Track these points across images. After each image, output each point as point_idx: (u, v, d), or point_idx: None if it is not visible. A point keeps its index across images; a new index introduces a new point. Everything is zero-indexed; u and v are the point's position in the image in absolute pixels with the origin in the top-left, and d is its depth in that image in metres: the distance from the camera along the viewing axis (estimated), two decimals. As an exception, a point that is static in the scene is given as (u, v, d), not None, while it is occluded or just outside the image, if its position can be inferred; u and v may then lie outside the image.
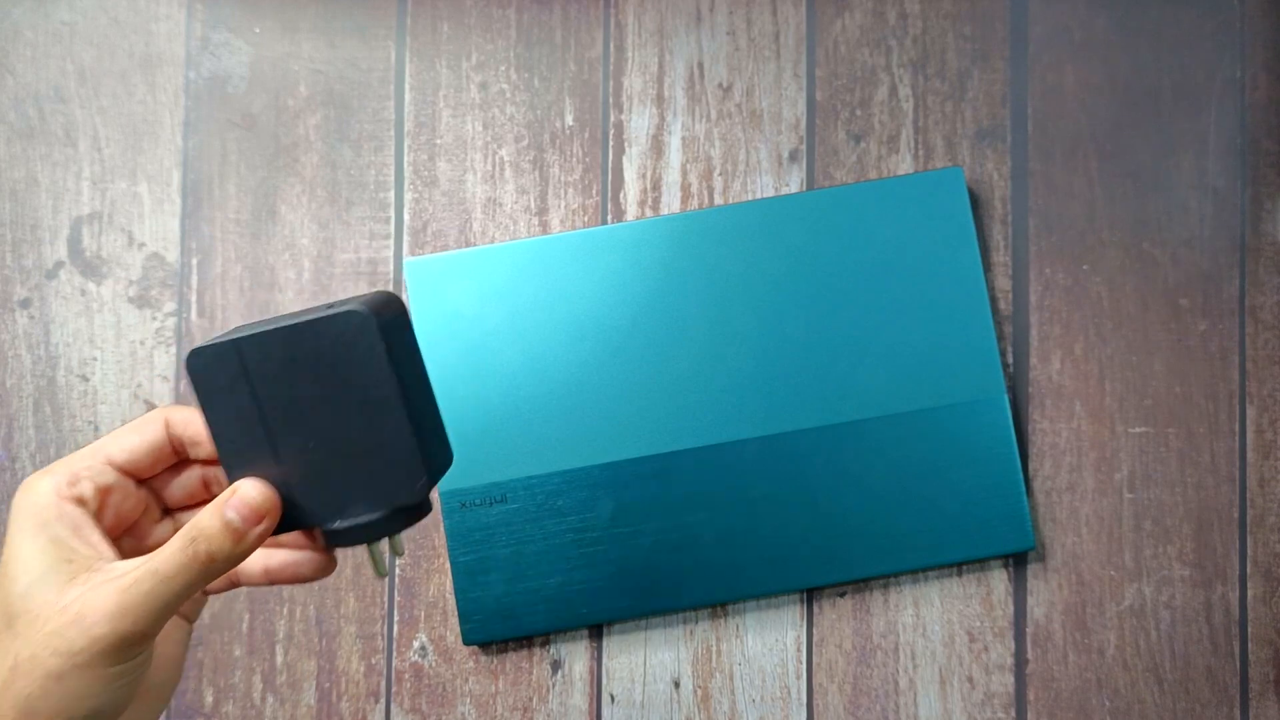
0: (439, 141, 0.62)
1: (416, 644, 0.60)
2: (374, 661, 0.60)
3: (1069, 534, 0.59)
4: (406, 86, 0.62)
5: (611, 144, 0.62)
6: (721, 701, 0.59)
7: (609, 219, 0.61)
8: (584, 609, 0.58)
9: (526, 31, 0.62)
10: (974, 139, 0.61)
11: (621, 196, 0.61)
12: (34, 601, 0.34)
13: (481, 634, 0.58)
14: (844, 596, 0.59)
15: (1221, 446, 0.60)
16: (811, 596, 0.59)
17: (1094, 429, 0.60)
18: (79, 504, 0.37)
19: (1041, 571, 0.59)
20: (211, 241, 0.62)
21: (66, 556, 0.35)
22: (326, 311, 0.36)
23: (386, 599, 0.60)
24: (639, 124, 0.62)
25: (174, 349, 0.61)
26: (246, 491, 0.36)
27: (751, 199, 0.61)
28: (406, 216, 0.62)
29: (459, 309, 0.59)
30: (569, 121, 0.62)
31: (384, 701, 0.59)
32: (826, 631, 0.59)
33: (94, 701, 0.34)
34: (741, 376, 0.59)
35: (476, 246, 0.60)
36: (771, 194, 0.61)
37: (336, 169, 0.62)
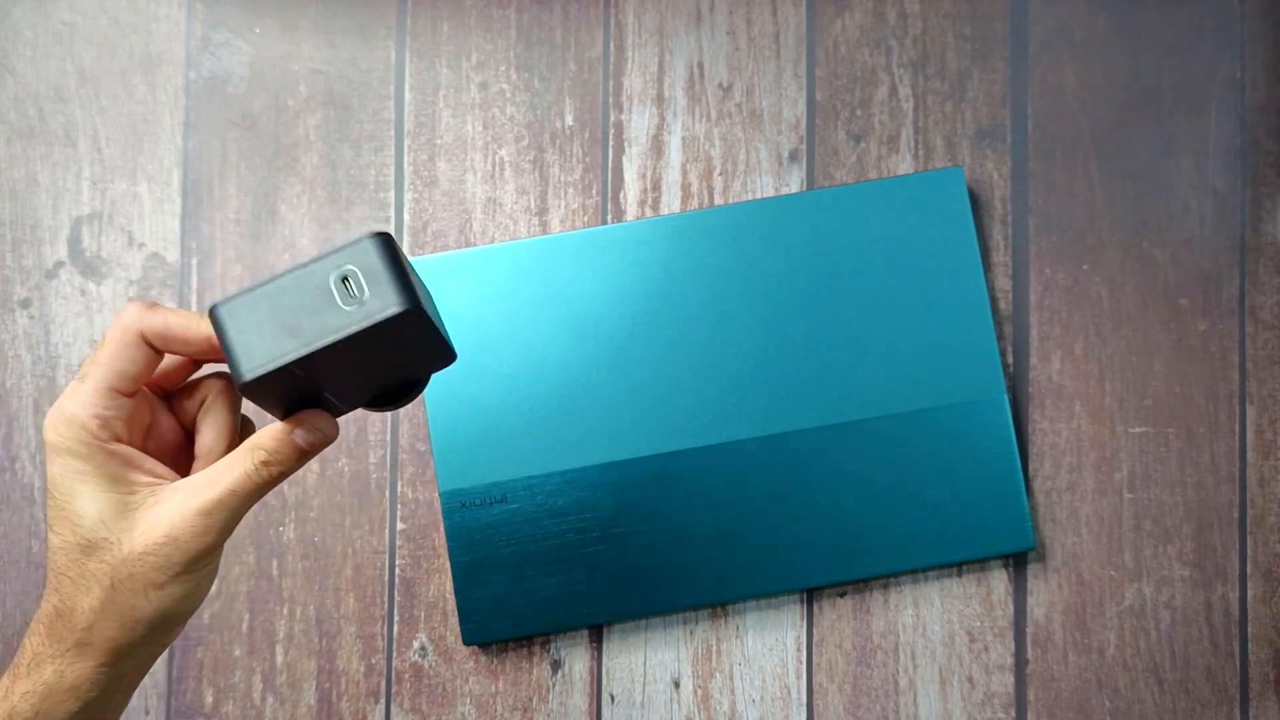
0: (439, 141, 0.62)
1: (416, 644, 0.60)
2: (374, 661, 0.60)
3: (1069, 534, 0.60)
4: (406, 86, 0.62)
5: (611, 144, 0.62)
6: (721, 701, 0.59)
7: (609, 219, 0.61)
8: (584, 609, 0.58)
9: (526, 31, 0.62)
10: (974, 139, 0.61)
11: (621, 196, 0.61)
12: (110, 530, 0.40)
13: (481, 634, 0.58)
14: (844, 596, 0.59)
15: (1221, 446, 0.60)
16: (811, 596, 0.59)
17: (1094, 429, 0.60)
18: (119, 442, 0.41)
19: (1041, 571, 0.59)
20: (211, 241, 0.62)
21: (129, 490, 0.40)
22: (371, 307, 0.38)
23: (386, 599, 0.60)
24: (639, 124, 0.62)
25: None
26: (314, 423, 0.41)
27: (751, 199, 0.61)
28: (406, 216, 0.62)
29: (459, 309, 0.59)
30: (569, 121, 0.62)
31: (384, 701, 0.59)
32: (826, 631, 0.59)
33: (190, 599, 0.41)
34: (741, 376, 0.59)
35: (476, 246, 0.60)
36: (771, 194, 0.61)
37: (336, 169, 0.62)
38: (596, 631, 0.59)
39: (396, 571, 0.60)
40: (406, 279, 0.38)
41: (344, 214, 0.62)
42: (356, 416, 0.60)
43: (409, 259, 0.48)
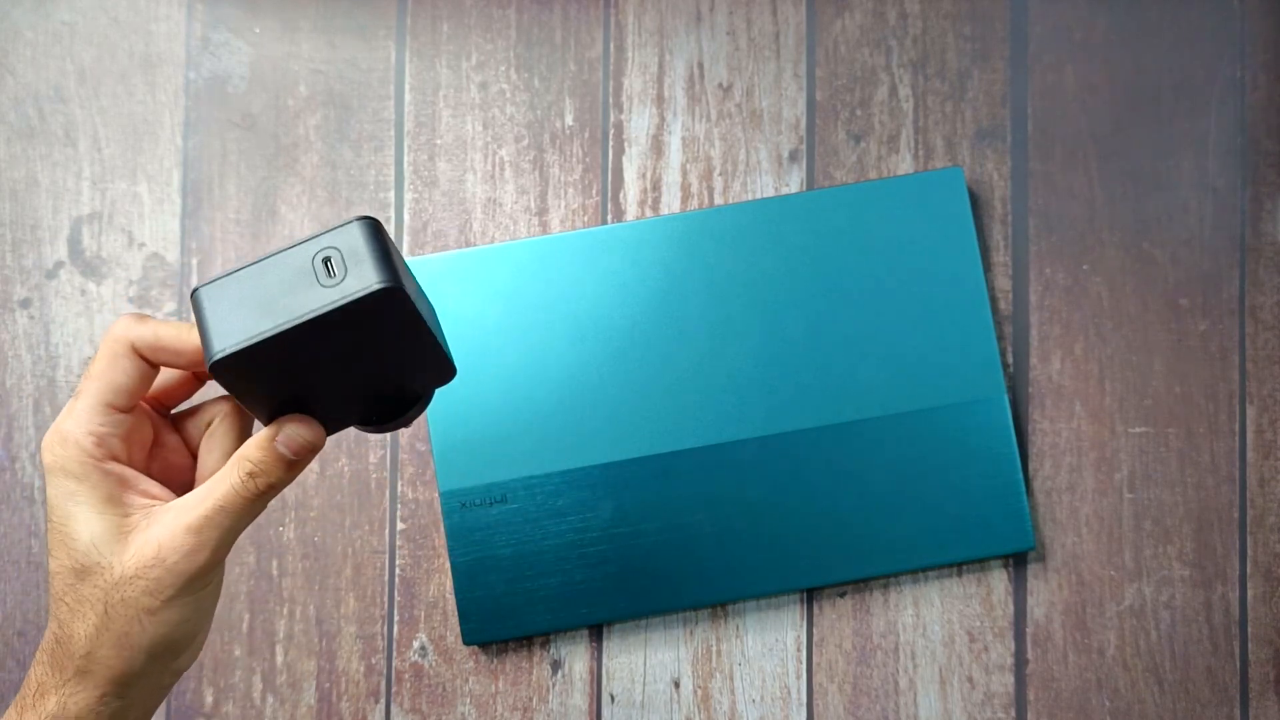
0: (439, 141, 0.62)
1: (416, 644, 0.60)
2: (374, 661, 0.60)
3: (1069, 534, 0.60)
4: (406, 86, 0.62)
5: (611, 144, 0.62)
6: (721, 701, 0.59)
7: (609, 219, 0.61)
8: (584, 609, 0.58)
9: (526, 31, 0.62)
10: (974, 139, 0.61)
11: (621, 196, 0.61)
12: (103, 554, 0.38)
13: (481, 634, 0.58)
14: (844, 596, 0.59)
15: (1221, 446, 0.60)
16: (811, 596, 0.59)
17: (1094, 429, 0.60)
18: (116, 461, 0.39)
19: (1041, 571, 0.59)
20: (211, 241, 0.62)
21: (123, 512, 0.39)
22: (348, 285, 0.36)
23: (386, 599, 0.60)
24: (639, 124, 0.62)
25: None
26: (295, 428, 0.39)
27: (751, 199, 0.61)
28: (406, 216, 0.62)
29: (459, 309, 0.59)
30: (569, 121, 0.62)
31: (384, 701, 0.59)
32: (826, 631, 0.59)
33: (186, 625, 0.39)
34: (741, 376, 0.59)
35: (476, 246, 0.60)
36: (771, 194, 0.61)
37: (336, 169, 0.62)
38: (596, 631, 0.59)
39: (396, 571, 0.60)
40: (389, 260, 0.36)
41: (344, 214, 0.62)
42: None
43: (405, 258, 0.47)
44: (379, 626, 0.60)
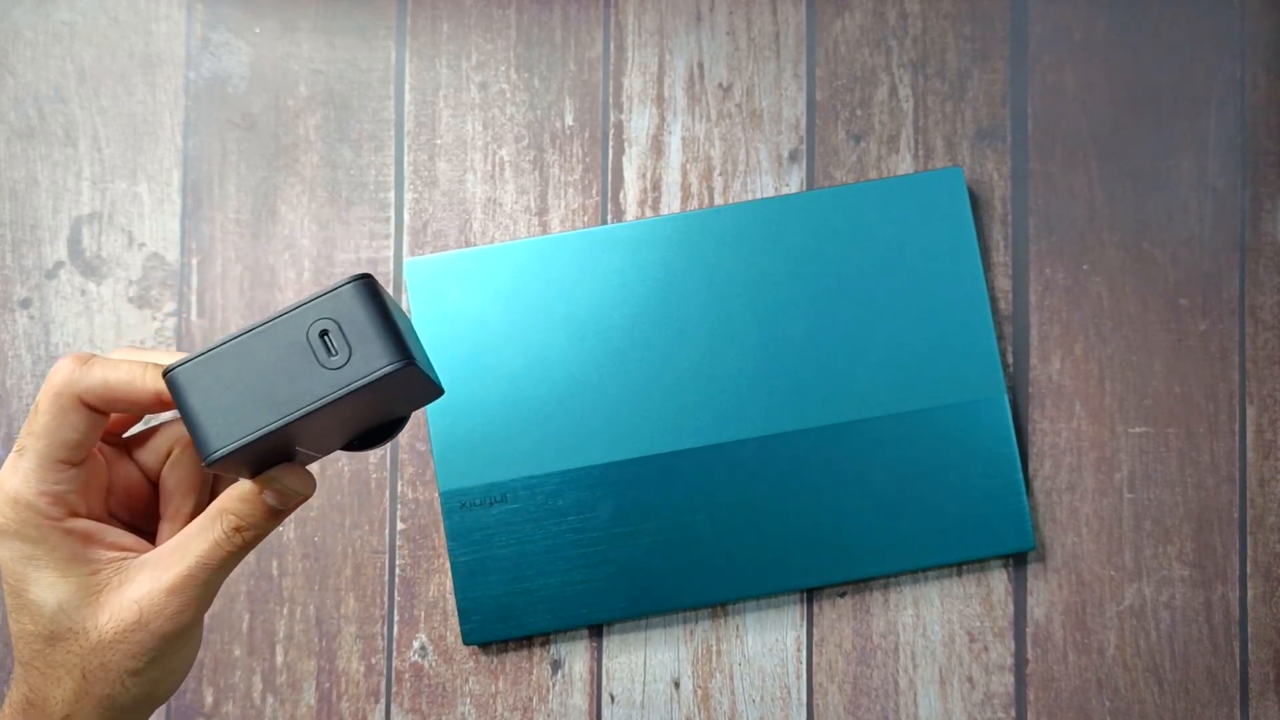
0: (439, 141, 0.62)
1: (416, 644, 0.60)
2: (374, 661, 0.60)
3: (1069, 534, 0.60)
4: (406, 86, 0.62)
5: (611, 144, 0.62)
6: (721, 701, 0.59)
7: (609, 219, 0.61)
8: (584, 609, 0.58)
9: (526, 31, 0.62)
10: (974, 139, 0.61)
11: (621, 196, 0.61)
12: (74, 619, 0.36)
13: (481, 634, 0.58)
14: (844, 596, 0.59)
15: (1221, 446, 0.60)
16: (811, 596, 0.59)
17: (1094, 429, 0.60)
18: (75, 516, 0.36)
19: (1041, 571, 0.59)
20: (211, 241, 0.62)
21: (90, 570, 0.36)
22: (357, 367, 0.33)
23: (386, 599, 0.60)
24: (639, 124, 0.62)
25: (174, 349, 0.61)
26: (288, 481, 0.37)
27: (751, 199, 0.61)
28: (406, 216, 0.62)
29: (459, 309, 0.59)
30: (569, 121, 0.62)
31: (384, 701, 0.59)
32: (826, 631, 0.59)
33: (172, 678, 0.38)
34: (741, 376, 0.59)
35: (476, 246, 0.60)
36: (771, 194, 0.61)
37: (336, 169, 0.62)
38: (596, 631, 0.59)
39: (396, 571, 0.60)
40: (394, 329, 0.33)
41: (344, 214, 0.62)
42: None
43: (405, 258, 0.46)
44: (379, 626, 0.60)
